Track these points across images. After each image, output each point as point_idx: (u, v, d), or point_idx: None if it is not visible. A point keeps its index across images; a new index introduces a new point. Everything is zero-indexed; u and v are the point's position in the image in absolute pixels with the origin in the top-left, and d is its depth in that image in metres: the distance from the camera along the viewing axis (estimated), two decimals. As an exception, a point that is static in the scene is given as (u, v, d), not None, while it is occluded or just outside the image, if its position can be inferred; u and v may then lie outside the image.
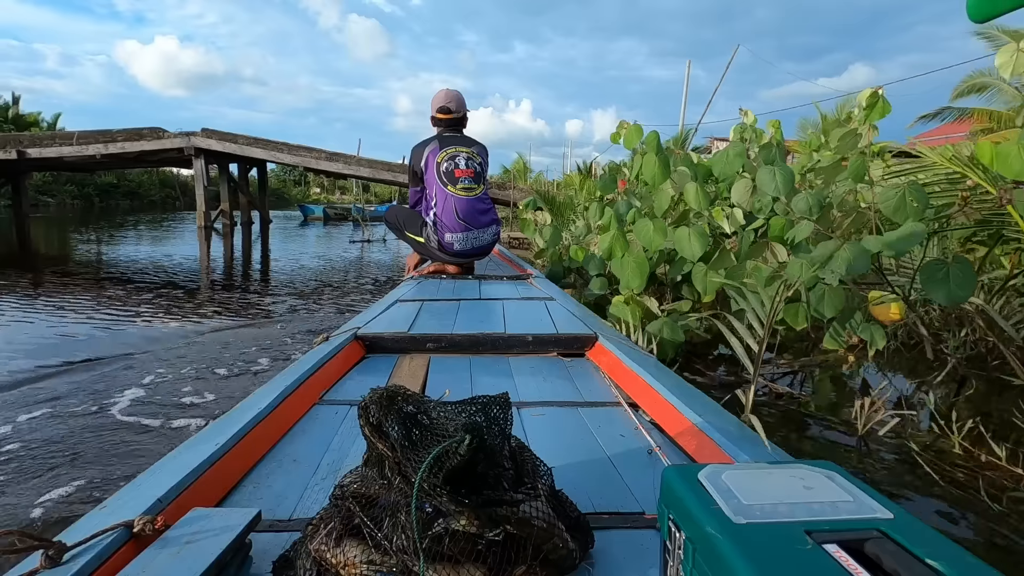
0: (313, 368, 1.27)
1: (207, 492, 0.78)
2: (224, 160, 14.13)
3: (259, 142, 13.01)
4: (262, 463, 0.92)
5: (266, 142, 13.09)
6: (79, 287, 5.36)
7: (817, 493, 0.46)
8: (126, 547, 0.62)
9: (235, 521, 0.64)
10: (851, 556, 0.38)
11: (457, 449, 0.55)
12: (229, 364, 2.91)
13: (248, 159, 14.39)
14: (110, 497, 0.72)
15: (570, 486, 0.76)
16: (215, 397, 2.44)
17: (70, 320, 3.92)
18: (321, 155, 12.95)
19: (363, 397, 0.62)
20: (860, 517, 0.42)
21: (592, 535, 0.69)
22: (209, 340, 3.42)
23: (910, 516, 0.43)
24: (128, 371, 2.76)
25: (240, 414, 0.98)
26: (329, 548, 0.58)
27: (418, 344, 1.59)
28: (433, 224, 2.81)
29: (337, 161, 12.87)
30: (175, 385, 2.57)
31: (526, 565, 0.59)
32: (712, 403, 1.13)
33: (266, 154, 13.13)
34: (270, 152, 13.06)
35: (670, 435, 1.06)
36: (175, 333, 3.59)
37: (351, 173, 13.16)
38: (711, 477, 0.49)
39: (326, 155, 12.94)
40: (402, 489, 0.59)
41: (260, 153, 13.08)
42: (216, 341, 3.39)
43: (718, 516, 0.43)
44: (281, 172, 38.88)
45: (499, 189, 11.72)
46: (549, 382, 1.38)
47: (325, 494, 0.81)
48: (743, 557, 0.38)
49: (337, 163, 12.87)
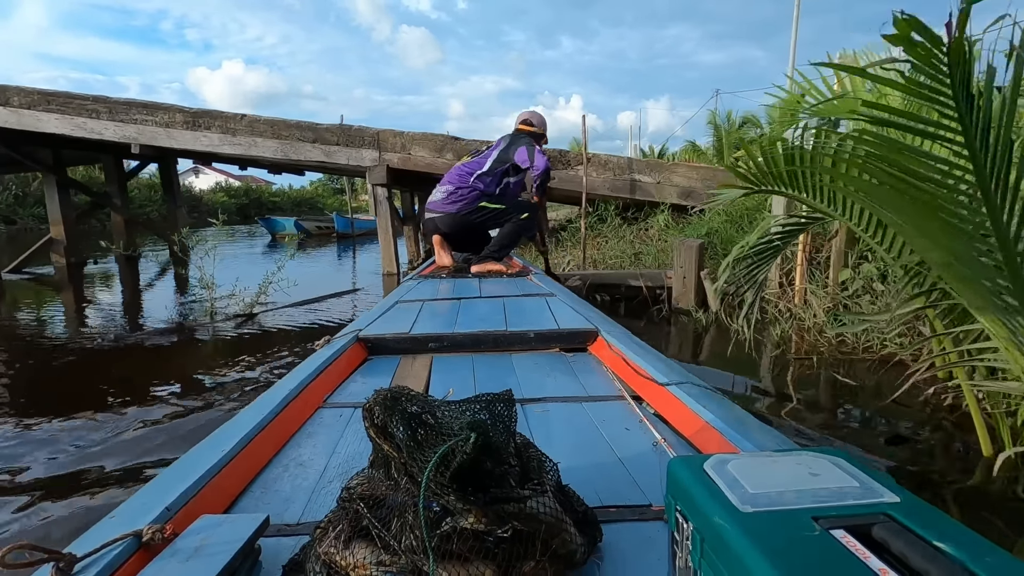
0: (316, 372, 1.27)
1: (215, 499, 0.78)
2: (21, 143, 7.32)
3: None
4: (268, 468, 0.92)
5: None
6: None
7: (823, 479, 0.46)
8: (136, 556, 0.62)
9: (243, 527, 0.64)
10: (859, 541, 0.38)
11: (463, 447, 0.55)
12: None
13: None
14: (118, 507, 0.72)
15: (576, 481, 0.76)
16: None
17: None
18: (153, 115, 6.88)
19: (367, 399, 0.62)
20: (867, 502, 0.42)
21: (600, 529, 0.69)
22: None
23: (917, 499, 0.43)
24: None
25: (245, 420, 0.98)
26: (338, 551, 0.58)
27: (420, 345, 1.59)
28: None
29: (203, 129, 6.85)
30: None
31: (535, 561, 0.59)
32: (716, 394, 1.13)
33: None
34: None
35: (675, 427, 1.06)
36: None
37: (239, 154, 7.10)
38: (717, 467, 0.49)
39: (183, 117, 6.85)
40: (409, 489, 0.59)
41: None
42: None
43: (725, 506, 0.43)
44: (328, 179, 31.86)
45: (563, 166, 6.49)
46: (552, 378, 1.38)
47: (332, 497, 0.81)
48: (751, 545, 0.38)
49: (209, 133, 6.84)
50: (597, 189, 6.43)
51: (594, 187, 6.37)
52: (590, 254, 5.98)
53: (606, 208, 6.54)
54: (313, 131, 6.86)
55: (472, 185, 3.17)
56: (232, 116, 7.00)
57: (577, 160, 6.47)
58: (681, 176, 6.33)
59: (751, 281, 2.32)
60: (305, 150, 6.90)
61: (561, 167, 6.41)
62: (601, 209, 6.56)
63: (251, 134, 6.96)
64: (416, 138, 6.70)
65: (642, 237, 6.16)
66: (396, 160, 6.67)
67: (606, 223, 6.48)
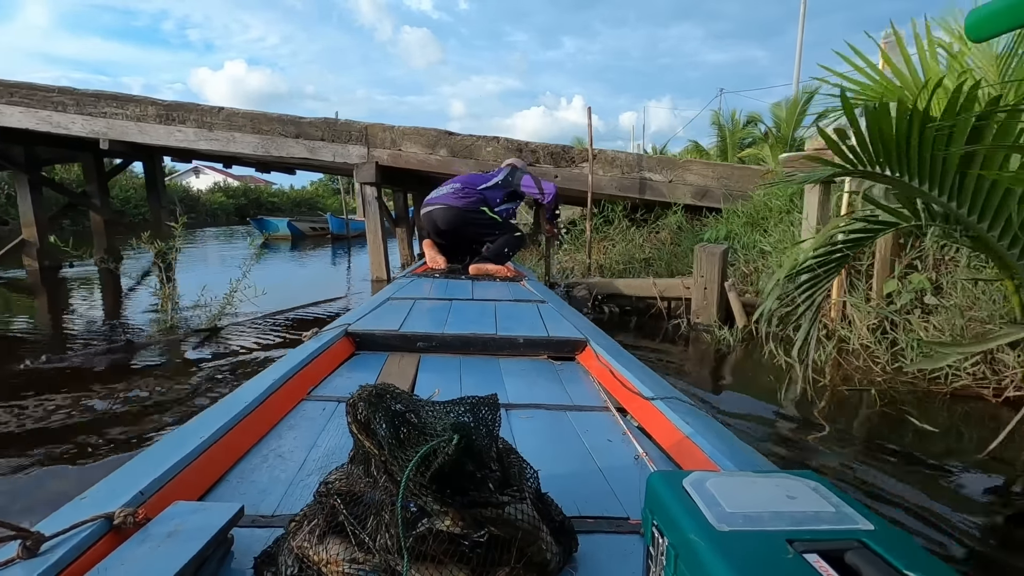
0: (302, 363, 1.26)
1: (190, 486, 0.77)
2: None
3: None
4: (247, 458, 0.91)
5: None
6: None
7: (800, 502, 0.46)
8: (105, 539, 0.61)
9: (217, 516, 0.63)
10: (831, 566, 0.39)
11: (445, 448, 0.55)
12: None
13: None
14: (90, 488, 0.71)
15: (556, 489, 0.76)
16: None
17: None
18: (123, 108, 6.42)
19: (352, 394, 0.62)
20: (841, 527, 0.43)
21: (576, 539, 0.69)
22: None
23: (891, 527, 0.43)
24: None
25: (226, 408, 0.97)
26: (312, 545, 0.58)
27: (408, 343, 1.59)
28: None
29: (177, 124, 6.38)
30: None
31: (509, 567, 0.59)
32: (699, 411, 1.14)
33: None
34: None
35: (657, 441, 1.06)
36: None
37: (217, 150, 6.64)
38: (696, 484, 0.49)
39: (155, 110, 6.39)
40: (387, 488, 0.59)
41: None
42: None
43: (701, 523, 0.43)
44: (327, 178, 30.38)
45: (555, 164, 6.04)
46: (538, 385, 1.38)
47: (310, 491, 0.80)
48: (725, 564, 0.38)
49: (184, 128, 6.37)
50: (604, 188, 5.88)
51: (600, 186, 5.81)
52: (595, 259, 5.53)
53: (612, 209, 6.03)
54: (295, 125, 6.28)
55: (479, 191, 3.39)
56: (209, 109, 6.46)
57: (582, 157, 5.87)
58: (695, 174, 5.77)
59: (809, 301, 1.82)
60: (287, 146, 6.33)
61: (565, 164, 5.98)
62: (607, 210, 6.05)
63: (229, 128, 6.36)
64: (407, 133, 6.13)
65: (652, 240, 5.67)
66: (386, 157, 6.16)
67: (612, 225, 5.96)
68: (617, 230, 5.92)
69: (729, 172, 5.75)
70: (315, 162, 6.64)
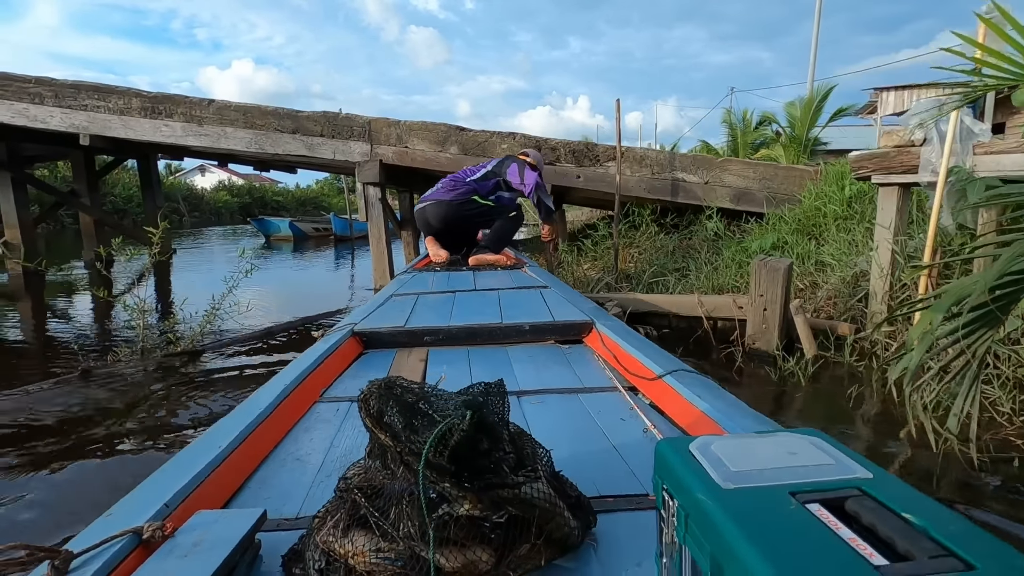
0: (312, 366, 1.28)
1: (213, 495, 0.79)
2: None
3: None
4: (266, 463, 0.93)
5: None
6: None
7: (801, 458, 0.48)
8: (134, 554, 0.62)
9: (242, 522, 0.65)
10: (832, 513, 0.40)
11: (460, 425, 0.56)
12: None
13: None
14: (115, 504, 0.73)
15: (573, 471, 0.77)
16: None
17: None
18: (105, 100, 5.87)
19: (362, 390, 0.64)
20: (841, 478, 0.45)
21: (594, 514, 0.71)
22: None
23: (889, 475, 0.45)
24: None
25: (241, 415, 0.99)
26: (336, 539, 0.60)
27: (416, 338, 1.61)
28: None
29: (164, 117, 5.85)
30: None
31: (530, 544, 0.61)
32: (708, 381, 1.15)
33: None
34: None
35: (669, 416, 1.08)
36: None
37: (207, 146, 6.07)
38: (702, 448, 0.51)
39: (140, 103, 5.85)
40: (405, 477, 0.61)
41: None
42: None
43: (708, 483, 0.45)
44: (332, 176, 28.92)
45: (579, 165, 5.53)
46: (548, 370, 1.40)
47: (330, 491, 0.82)
48: (731, 519, 0.40)
49: (171, 122, 5.86)
50: (631, 190, 5.28)
51: (628, 187, 5.20)
52: (622, 268, 4.89)
53: (639, 213, 5.35)
54: (292, 120, 5.71)
55: (467, 183, 3.41)
56: (198, 102, 5.91)
57: (607, 155, 5.25)
58: (734, 175, 5.17)
59: (971, 352, 1.25)
60: (283, 142, 5.76)
61: (588, 163, 5.40)
62: (633, 214, 5.37)
63: (219, 123, 5.80)
64: (414, 128, 5.61)
65: (685, 248, 4.99)
66: (391, 154, 5.66)
67: (639, 230, 5.30)
68: (646, 236, 5.30)
69: (773, 172, 5.18)
70: (314, 160, 6.13)
